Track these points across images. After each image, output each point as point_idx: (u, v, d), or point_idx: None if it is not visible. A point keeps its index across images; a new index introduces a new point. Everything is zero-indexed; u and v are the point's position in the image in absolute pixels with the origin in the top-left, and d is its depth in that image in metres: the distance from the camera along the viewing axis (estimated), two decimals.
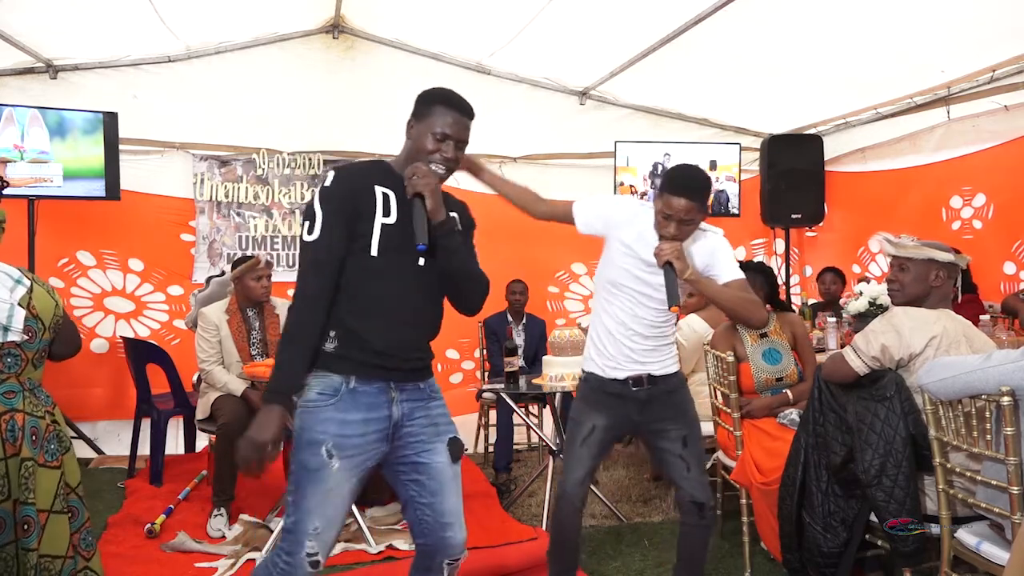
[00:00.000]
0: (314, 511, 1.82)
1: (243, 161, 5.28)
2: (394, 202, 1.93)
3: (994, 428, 2.07)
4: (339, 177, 1.91)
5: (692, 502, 2.45)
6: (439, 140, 1.93)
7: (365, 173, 1.96)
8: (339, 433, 1.85)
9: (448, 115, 1.94)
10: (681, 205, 2.30)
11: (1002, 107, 4.41)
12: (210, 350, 3.86)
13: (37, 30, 4.45)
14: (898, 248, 2.59)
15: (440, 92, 1.99)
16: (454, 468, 2.05)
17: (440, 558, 2.01)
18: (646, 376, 2.47)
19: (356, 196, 1.90)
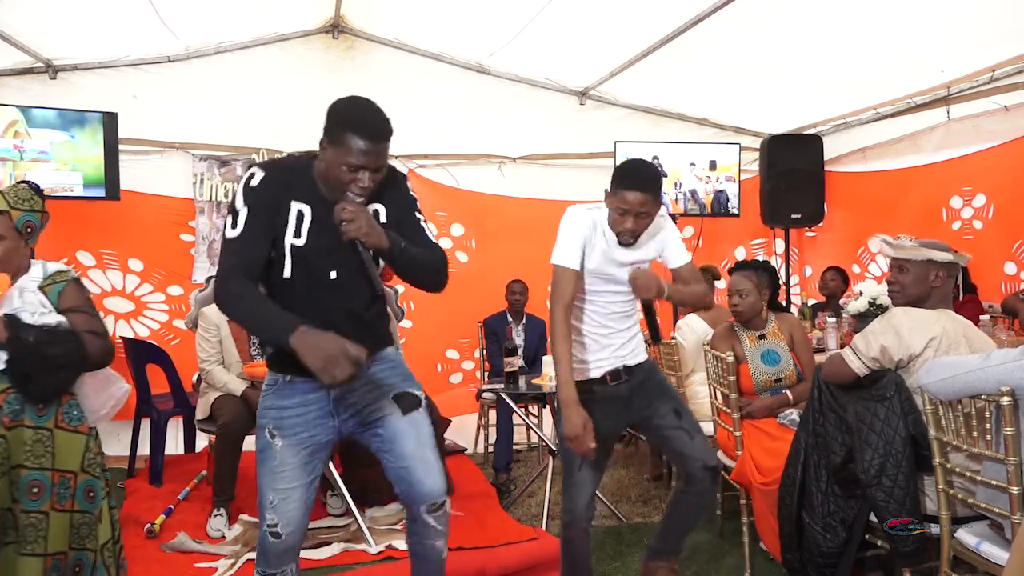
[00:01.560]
0: (267, 486, 1.99)
1: (243, 161, 5.28)
2: (307, 222, 1.94)
3: (994, 428, 2.07)
4: (265, 181, 1.92)
5: (704, 467, 2.44)
6: (353, 171, 1.87)
7: (287, 182, 1.94)
8: (278, 416, 2.01)
9: (360, 142, 1.84)
10: (636, 199, 2.32)
11: (1002, 107, 4.41)
12: (210, 350, 3.86)
13: (37, 30, 4.45)
14: (896, 250, 2.59)
15: (350, 115, 1.89)
16: (409, 418, 2.06)
17: (417, 505, 2.05)
18: (622, 368, 2.49)
19: (273, 208, 1.92)
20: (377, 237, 1.89)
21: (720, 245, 6.18)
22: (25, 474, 2.09)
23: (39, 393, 2.12)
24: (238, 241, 1.90)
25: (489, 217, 5.55)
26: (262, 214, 1.91)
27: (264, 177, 1.92)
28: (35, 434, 2.12)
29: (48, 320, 2.16)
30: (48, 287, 2.25)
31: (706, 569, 3.15)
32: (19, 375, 2.10)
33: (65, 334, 2.16)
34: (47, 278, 2.26)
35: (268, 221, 1.92)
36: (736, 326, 3.39)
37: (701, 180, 5.62)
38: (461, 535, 3.36)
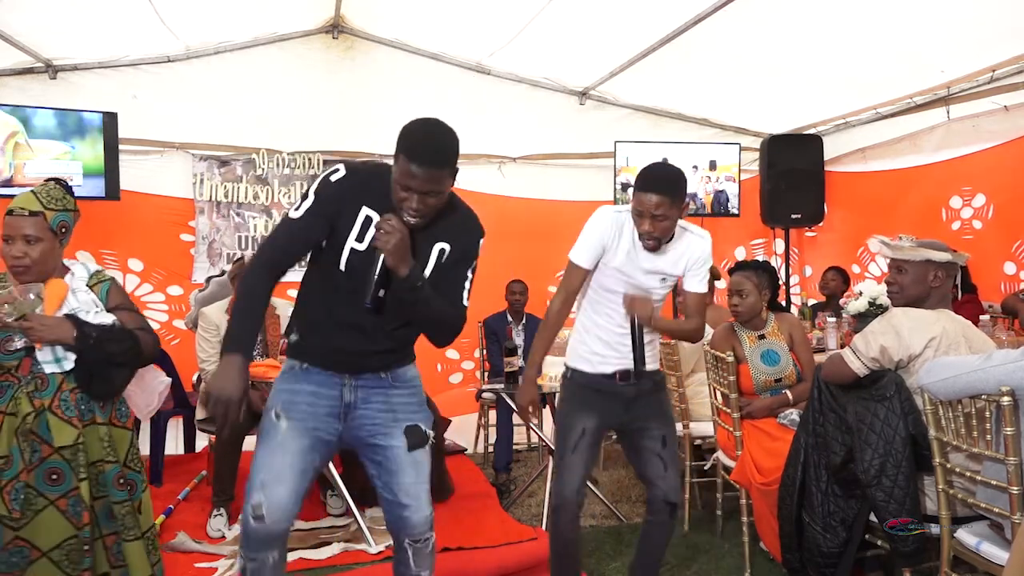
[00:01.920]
0: (262, 464, 1.95)
1: (243, 161, 5.28)
2: (372, 229, 1.93)
3: (994, 428, 2.07)
4: (344, 179, 1.94)
5: (665, 501, 2.47)
6: (404, 190, 1.86)
7: (364, 187, 1.95)
8: (289, 399, 2.01)
9: (410, 166, 1.82)
10: (652, 201, 2.32)
11: (1002, 107, 4.41)
12: (210, 350, 3.86)
13: (37, 30, 4.45)
14: (894, 250, 2.59)
15: (409, 136, 1.87)
16: (412, 455, 2.06)
17: (402, 536, 2.08)
18: (633, 371, 2.49)
19: (343, 208, 1.93)
20: (398, 258, 1.87)
21: (720, 245, 6.15)
22: (109, 468, 2.18)
23: (103, 390, 2.18)
24: (292, 224, 1.94)
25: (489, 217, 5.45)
26: (325, 210, 1.92)
27: (344, 176, 1.93)
28: (107, 430, 2.20)
29: (104, 319, 2.20)
30: (95, 286, 2.28)
31: (706, 569, 3.15)
32: (85, 374, 2.15)
33: (123, 332, 2.20)
34: (91, 276, 2.30)
35: (328, 218, 1.93)
36: (736, 326, 3.39)
37: (701, 180, 5.62)
38: (461, 535, 3.36)
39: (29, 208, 2.17)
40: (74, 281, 2.26)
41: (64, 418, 2.12)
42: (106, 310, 2.25)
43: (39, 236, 2.17)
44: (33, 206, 2.17)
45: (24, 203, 2.17)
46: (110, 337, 2.16)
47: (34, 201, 2.19)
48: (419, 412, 2.11)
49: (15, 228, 2.15)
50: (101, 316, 2.21)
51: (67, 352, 2.14)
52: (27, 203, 2.17)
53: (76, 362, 2.14)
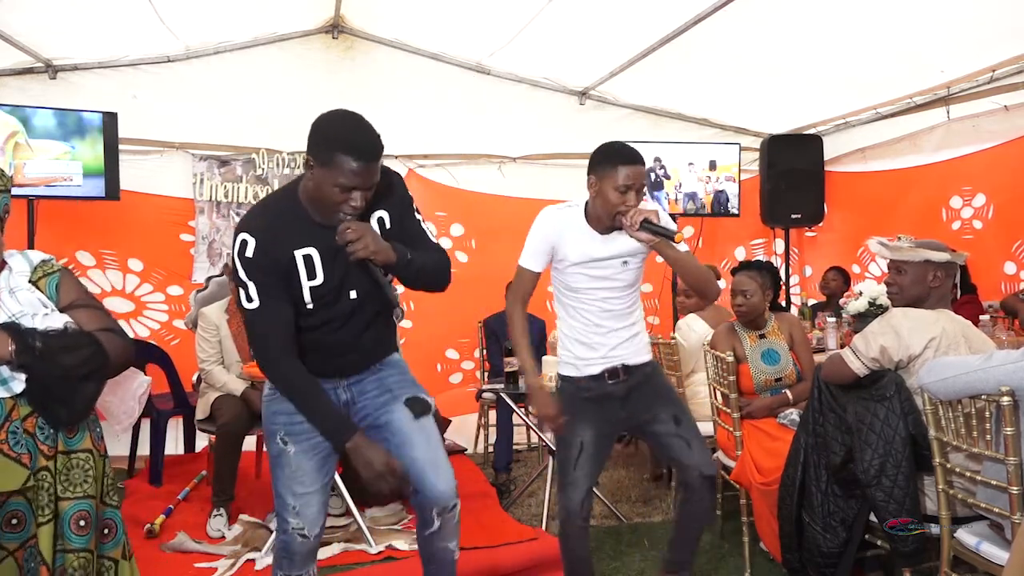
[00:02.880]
0: (285, 491, 2.01)
1: (243, 161, 5.28)
2: (317, 261, 1.91)
3: (994, 428, 2.07)
4: (259, 246, 1.86)
5: (701, 476, 2.41)
6: (345, 192, 1.81)
7: (281, 238, 1.89)
8: (288, 422, 2.00)
9: (352, 163, 1.77)
10: (639, 172, 2.30)
11: (1002, 107, 4.41)
12: (210, 350, 3.86)
13: (37, 30, 4.45)
14: (893, 251, 2.59)
15: (339, 134, 1.82)
16: (418, 422, 2.06)
17: (429, 509, 2.07)
18: (620, 367, 2.46)
19: (279, 266, 1.89)
20: (385, 253, 1.87)
21: (720, 245, 6.18)
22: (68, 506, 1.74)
23: (63, 415, 1.74)
24: (261, 314, 1.89)
25: (489, 217, 5.54)
26: (271, 280, 1.89)
27: (257, 245, 1.86)
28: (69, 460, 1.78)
29: (53, 323, 1.74)
30: (40, 281, 1.82)
31: (706, 569, 3.14)
32: (39, 395, 1.71)
33: (80, 336, 1.75)
34: (35, 270, 1.83)
35: (279, 282, 1.90)
36: (737, 326, 3.39)
37: (701, 180, 5.62)
38: (461, 535, 3.35)
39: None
40: (12, 279, 1.78)
41: (12, 455, 1.68)
42: (58, 310, 1.79)
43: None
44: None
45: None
46: (63, 345, 1.70)
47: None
48: (415, 387, 2.13)
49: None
50: (50, 319, 1.74)
51: (13, 372, 1.68)
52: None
53: (27, 381, 1.70)
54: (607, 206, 2.32)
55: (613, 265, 2.41)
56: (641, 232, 2.26)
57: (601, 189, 2.33)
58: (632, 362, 2.48)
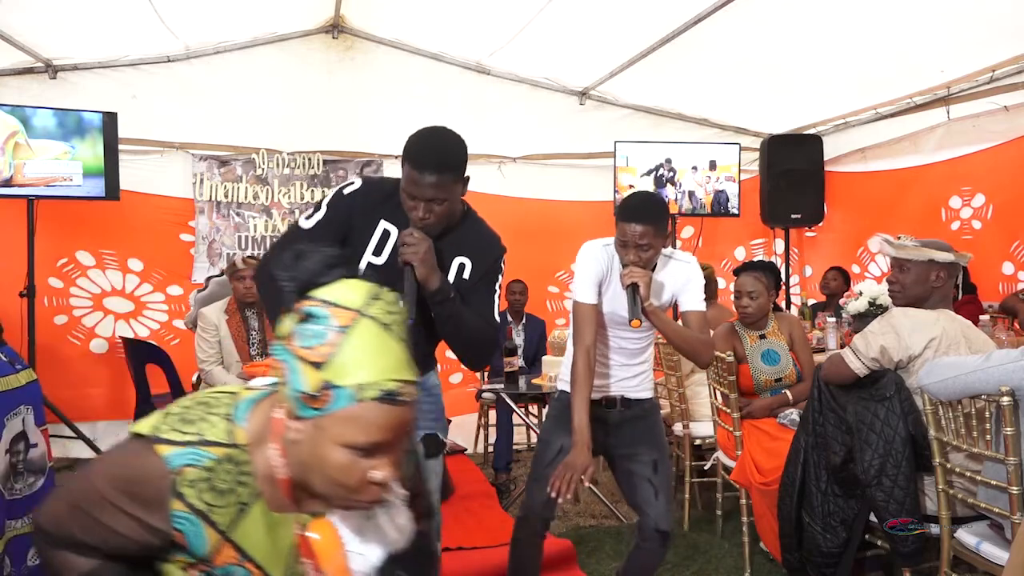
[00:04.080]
0: None
1: (243, 161, 5.28)
2: (390, 242, 1.93)
3: (994, 428, 2.07)
4: (357, 193, 1.93)
5: (656, 531, 2.35)
6: (411, 198, 1.85)
7: (380, 200, 1.94)
8: None
9: (414, 174, 1.82)
10: (636, 231, 2.26)
11: (1002, 107, 4.41)
12: (210, 350, 3.86)
13: (37, 30, 4.45)
14: (897, 249, 2.58)
15: (413, 144, 1.87)
16: (428, 464, 2.03)
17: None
18: (619, 398, 2.44)
19: (357, 222, 1.92)
20: (427, 270, 1.86)
21: (720, 245, 6.18)
22: None
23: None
24: (304, 234, 1.92)
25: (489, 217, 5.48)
26: (336, 224, 1.92)
27: (357, 189, 1.93)
28: None
29: None
30: None
31: (706, 569, 3.15)
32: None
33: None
34: None
35: (337, 233, 1.92)
36: (737, 325, 3.39)
37: (700, 182, 5.62)
38: (461, 535, 3.36)
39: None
40: None
41: None
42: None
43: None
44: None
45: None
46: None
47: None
48: (438, 420, 2.10)
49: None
50: None
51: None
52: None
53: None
54: (619, 255, 2.34)
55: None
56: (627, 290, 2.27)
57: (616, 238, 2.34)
58: (632, 396, 2.46)
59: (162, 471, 1.08)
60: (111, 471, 1.12)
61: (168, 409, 1.14)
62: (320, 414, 1.04)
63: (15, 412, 2.74)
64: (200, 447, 1.09)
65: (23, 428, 2.77)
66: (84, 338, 5.00)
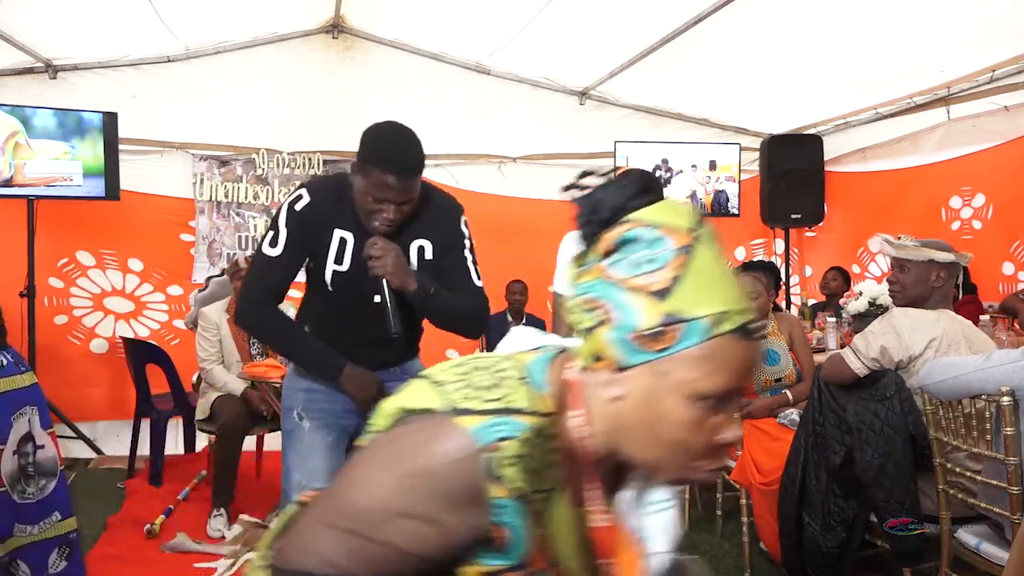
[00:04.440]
0: (295, 467, 2.02)
1: (243, 161, 5.28)
2: (349, 248, 1.94)
3: (994, 428, 2.07)
4: (309, 207, 1.92)
5: None
6: (378, 201, 1.84)
7: (331, 209, 1.93)
8: (308, 398, 2.05)
9: (384, 177, 1.80)
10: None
11: (1002, 107, 4.41)
12: (211, 349, 3.86)
13: (37, 30, 4.45)
14: (898, 249, 2.58)
15: (379, 146, 1.85)
16: None
17: None
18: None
19: (316, 234, 1.93)
20: (401, 279, 1.87)
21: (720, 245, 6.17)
22: None
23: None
24: (276, 262, 1.93)
25: (489, 217, 5.52)
26: (301, 239, 1.93)
27: (309, 202, 1.92)
28: None
29: None
30: None
31: None
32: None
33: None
34: None
35: (305, 247, 1.94)
36: None
37: (701, 181, 5.62)
38: None
39: None
40: None
41: None
42: None
43: None
44: None
45: None
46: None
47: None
48: None
49: None
50: None
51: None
52: None
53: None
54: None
55: None
56: None
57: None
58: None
59: (473, 449, 0.80)
60: (399, 469, 0.82)
61: (439, 377, 0.88)
62: (661, 356, 0.80)
63: (21, 412, 2.74)
64: (510, 416, 0.82)
65: (29, 429, 2.77)
66: (84, 338, 5.00)
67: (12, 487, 2.66)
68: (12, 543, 2.64)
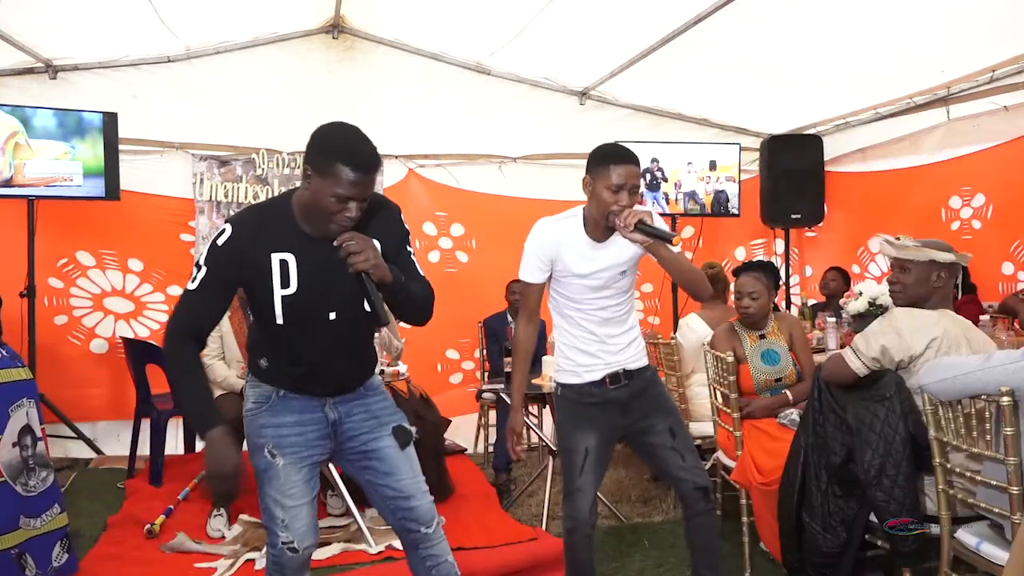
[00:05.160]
0: (274, 505, 2.01)
1: (243, 161, 5.28)
2: (293, 269, 1.90)
3: (994, 428, 2.07)
4: (233, 239, 1.88)
5: (696, 488, 2.41)
6: (341, 202, 1.82)
7: (261, 237, 1.89)
8: (276, 435, 2.02)
9: (351, 174, 1.79)
10: (632, 171, 2.30)
11: (1002, 107, 4.41)
12: (212, 344, 3.87)
13: (37, 30, 4.45)
14: (899, 250, 2.58)
15: (341, 145, 1.85)
16: (405, 452, 2.12)
17: (414, 527, 2.10)
18: (622, 372, 2.45)
19: (244, 267, 1.89)
20: (383, 270, 1.87)
21: (720, 245, 6.18)
22: None
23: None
24: (192, 297, 1.92)
25: (489, 217, 5.55)
26: (224, 276, 1.90)
27: (232, 235, 1.87)
28: None
29: None
30: None
31: None
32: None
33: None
34: None
35: (231, 282, 1.92)
36: (737, 326, 3.39)
37: (701, 180, 5.62)
38: (461, 535, 3.36)
39: None
40: None
41: None
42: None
43: None
44: None
45: None
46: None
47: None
48: (397, 413, 2.18)
49: None
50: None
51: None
52: None
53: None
54: (601, 206, 2.31)
55: (611, 275, 2.41)
56: (636, 233, 2.25)
57: (595, 189, 2.33)
58: (632, 367, 2.47)
59: None
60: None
61: None
62: None
63: (18, 404, 2.75)
64: None
65: (27, 421, 2.78)
66: (84, 338, 5.00)
67: (13, 479, 2.67)
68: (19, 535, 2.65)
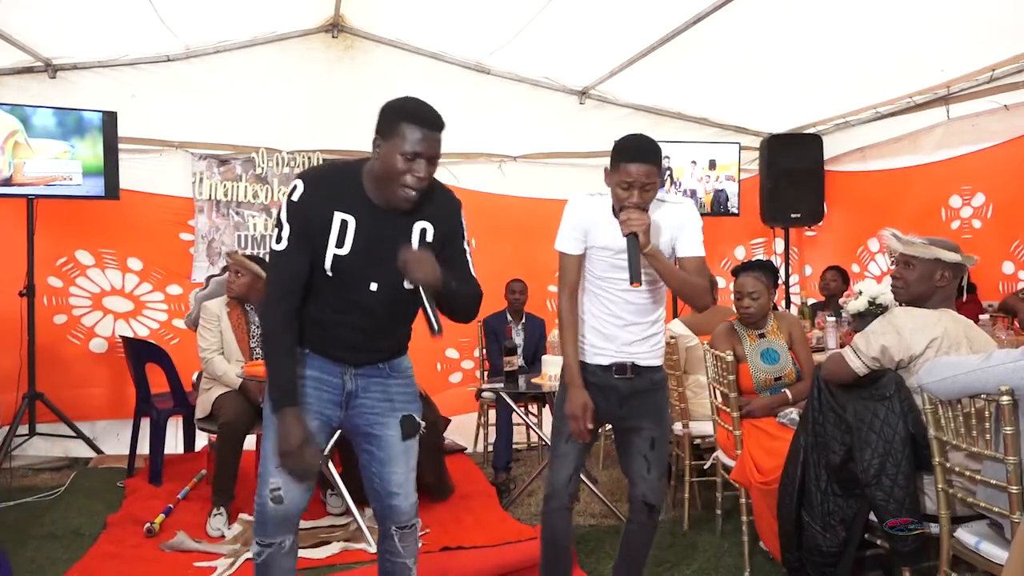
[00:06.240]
0: (273, 450, 1.99)
1: (242, 160, 5.28)
2: (351, 231, 1.95)
3: (993, 428, 2.07)
4: (305, 195, 1.94)
5: (644, 502, 2.44)
6: (409, 160, 1.88)
7: (330, 193, 1.96)
8: None
9: (417, 132, 1.87)
10: (641, 171, 2.27)
11: (1002, 107, 4.41)
12: (211, 338, 3.88)
13: (36, 30, 4.45)
14: (906, 245, 2.57)
15: (405, 107, 1.93)
16: (405, 444, 2.13)
17: (388, 523, 2.14)
18: (630, 365, 2.43)
19: (314, 220, 1.94)
20: (438, 282, 1.92)
21: (720, 245, 6.18)
22: None
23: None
24: (282, 259, 1.96)
25: (489, 216, 5.53)
26: (303, 228, 1.94)
27: (304, 191, 1.94)
28: None
29: None
30: None
31: (706, 569, 3.15)
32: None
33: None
34: None
35: (309, 235, 1.95)
36: (736, 325, 3.39)
37: (701, 180, 5.62)
38: (461, 535, 3.36)
39: None
40: None
41: None
42: None
43: None
44: None
45: None
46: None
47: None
48: (414, 403, 2.18)
49: None
50: None
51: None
52: None
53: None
54: (615, 200, 2.33)
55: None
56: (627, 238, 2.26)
57: (611, 184, 2.34)
58: (643, 363, 2.45)
59: None
60: None
61: None
62: None
63: None
64: None
65: None
66: (84, 338, 5.00)
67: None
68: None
